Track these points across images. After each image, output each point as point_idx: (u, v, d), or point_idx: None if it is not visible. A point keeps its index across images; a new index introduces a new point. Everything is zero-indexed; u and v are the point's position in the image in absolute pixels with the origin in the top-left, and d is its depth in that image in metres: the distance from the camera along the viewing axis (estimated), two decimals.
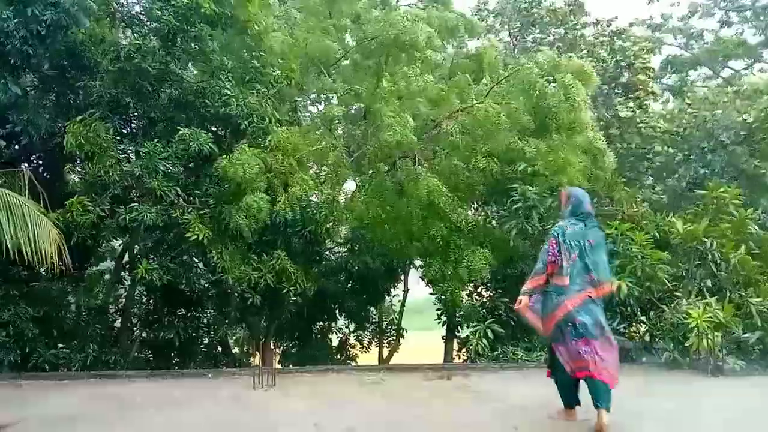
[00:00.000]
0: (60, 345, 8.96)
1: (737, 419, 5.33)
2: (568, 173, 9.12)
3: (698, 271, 8.07)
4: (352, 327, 14.24)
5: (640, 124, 15.76)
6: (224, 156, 8.57)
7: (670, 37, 20.80)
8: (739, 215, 8.27)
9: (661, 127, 15.54)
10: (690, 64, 18.87)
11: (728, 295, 7.82)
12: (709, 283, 8.00)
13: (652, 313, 8.00)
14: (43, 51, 8.61)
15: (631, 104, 16.07)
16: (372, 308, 14.09)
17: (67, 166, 9.27)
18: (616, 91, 16.76)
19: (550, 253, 4.96)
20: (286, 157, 8.91)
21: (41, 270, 6.87)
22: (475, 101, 9.66)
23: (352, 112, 12.38)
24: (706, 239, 8.01)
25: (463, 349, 13.16)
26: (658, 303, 7.97)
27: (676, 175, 14.81)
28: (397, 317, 14.83)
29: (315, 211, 9.67)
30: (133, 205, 8.41)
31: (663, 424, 5.19)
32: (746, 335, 7.57)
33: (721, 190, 8.63)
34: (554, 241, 4.97)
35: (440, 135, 10.15)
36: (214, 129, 9.85)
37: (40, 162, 9.98)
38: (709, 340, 6.94)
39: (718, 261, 7.97)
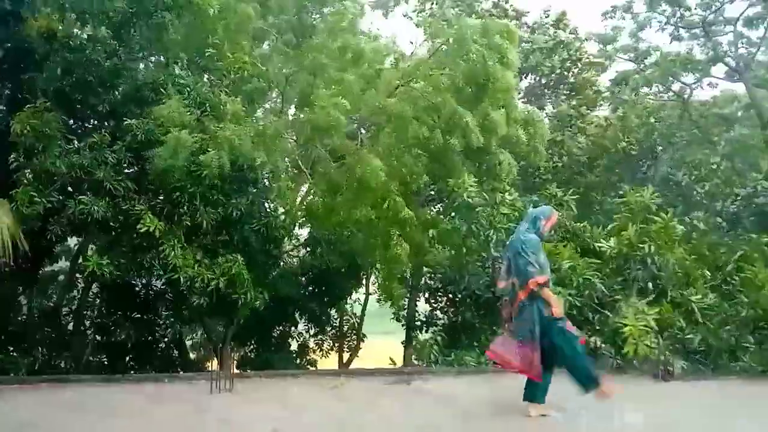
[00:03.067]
0: (10, 348, 8.68)
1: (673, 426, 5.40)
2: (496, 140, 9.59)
3: (641, 274, 8.32)
4: (312, 331, 14.17)
5: (584, 125, 16.28)
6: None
7: (621, 52, 21.48)
8: (666, 220, 8.47)
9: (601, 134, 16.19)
10: (642, 80, 19.47)
11: (669, 295, 8.09)
12: (651, 285, 8.21)
13: (596, 319, 8.21)
14: None
15: (574, 102, 16.51)
16: (332, 312, 14.05)
17: (12, 155, 8.88)
18: (564, 92, 17.17)
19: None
20: (225, 121, 8.55)
21: None
22: (416, 72, 9.73)
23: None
24: (642, 244, 8.28)
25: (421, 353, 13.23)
26: (601, 309, 8.20)
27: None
28: (358, 321, 14.84)
29: (272, 205, 9.49)
30: (81, 197, 8.14)
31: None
32: (689, 336, 7.72)
33: (638, 195, 8.91)
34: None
35: (385, 115, 9.91)
36: None
37: None
38: (646, 346, 7.03)
39: (658, 263, 8.23)
